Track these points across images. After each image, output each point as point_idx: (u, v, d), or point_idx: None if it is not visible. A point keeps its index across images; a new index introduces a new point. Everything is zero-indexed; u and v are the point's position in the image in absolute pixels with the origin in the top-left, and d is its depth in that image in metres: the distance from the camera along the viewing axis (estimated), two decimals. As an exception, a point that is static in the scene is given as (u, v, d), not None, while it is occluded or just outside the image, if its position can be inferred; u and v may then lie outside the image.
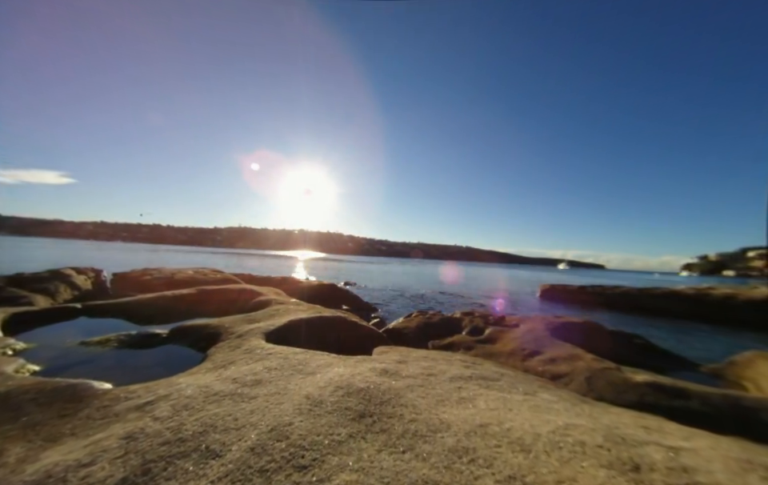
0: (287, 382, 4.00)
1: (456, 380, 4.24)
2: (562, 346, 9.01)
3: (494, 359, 8.41)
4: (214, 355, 5.91)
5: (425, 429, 2.73)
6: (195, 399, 3.90)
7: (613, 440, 2.50)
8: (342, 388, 3.57)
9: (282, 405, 3.38)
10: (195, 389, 4.19)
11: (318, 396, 3.43)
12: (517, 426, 2.71)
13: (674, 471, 2.11)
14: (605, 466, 2.14)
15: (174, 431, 3.23)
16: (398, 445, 2.53)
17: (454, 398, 3.53)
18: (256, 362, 4.95)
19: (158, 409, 3.78)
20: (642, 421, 3.42)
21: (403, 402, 3.26)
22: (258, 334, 6.65)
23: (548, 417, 3.01)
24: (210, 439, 3.04)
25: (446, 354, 6.78)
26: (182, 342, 7.07)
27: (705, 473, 2.11)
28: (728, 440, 3.24)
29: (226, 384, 4.22)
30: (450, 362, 5.27)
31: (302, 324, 7.50)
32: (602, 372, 7.22)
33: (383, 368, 4.42)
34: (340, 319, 8.12)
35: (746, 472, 2.19)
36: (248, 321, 7.75)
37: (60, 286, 11.27)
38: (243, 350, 5.71)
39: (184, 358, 6.29)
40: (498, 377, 4.56)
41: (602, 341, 9.77)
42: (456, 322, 11.72)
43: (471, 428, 2.70)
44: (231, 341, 6.53)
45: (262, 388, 3.93)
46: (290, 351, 5.36)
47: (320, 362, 4.80)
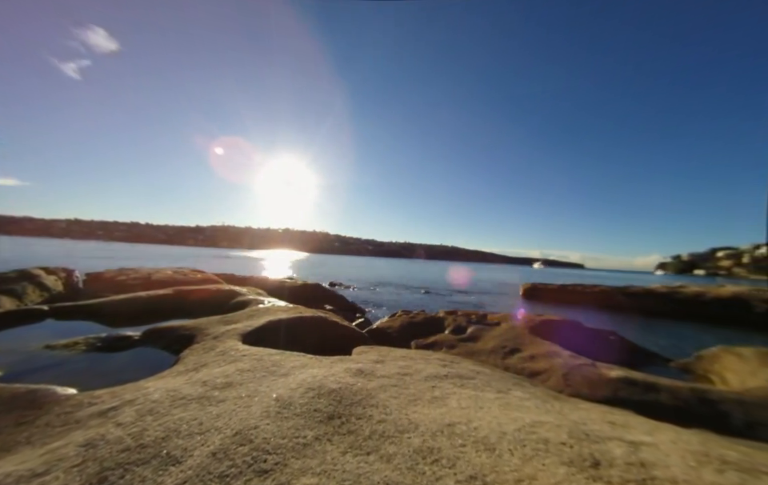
0: (258, 385, 3.91)
1: (431, 379, 4.22)
2: (541, 344, 9.16)
3: (475, 357, 8.49)
4: (186, 358, 5.75)
5: (392, 429, 2.70)
6: (161, 404, 3.77)
7: (577, 436, 2.52)
8: (314, 390, 3.50)
9: (251, 408, 3.30)
10: (162, 393, 4.05)
11: (287, 398, 3.36)
12: (484, 425, 2.71)
13: (633, 466, 2.14)
14: (565, 463, 2.15)
15: (136, 437, 3.11)
16: (363, 447, 2.49)
17: (427, 397, 3.52)
18: (229, 364, 4.83)
19: (122, 414, 3.64)
20: (609, 416, 3.47)
21: (374, 403, 3.23)
22: (234, 335, 6.51)
23: (517, 415, 3.03)
24: (171, 445, 2.93)
25: (425, 353, 6.78)
26: (155, 344, 6.85)
27: (662, 467, 2.14)
28: (690, 433, 3.33)
29: (195, 387, 4.10)
30: (427, 361, 5.26)
31: (280, 325, 7.38)
32: (578, 368, 7.36)
33: (358, 368, 4.38)
34: (320, 320, 8.03)
35: (702, 465, 2.24)
36: (225, 322, 7.57)
37: (28, 287, 10.77)
38: (217, 353, 5.57)
39: (156, 362, 6.09)
40: (473, 375, 4.57)
41: (579, 338, 9.98)
42: (439, 322, 11.78)
43: (439, 428, 2.68)
44: (206, 343, 6.36)
45: (231, 391, 3.82)
46: (266, 353, 5.25)
47: (295, 363, 4.71)
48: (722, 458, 2.39)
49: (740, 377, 6.05)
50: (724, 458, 2.43)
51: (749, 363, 6.23)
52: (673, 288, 20.28)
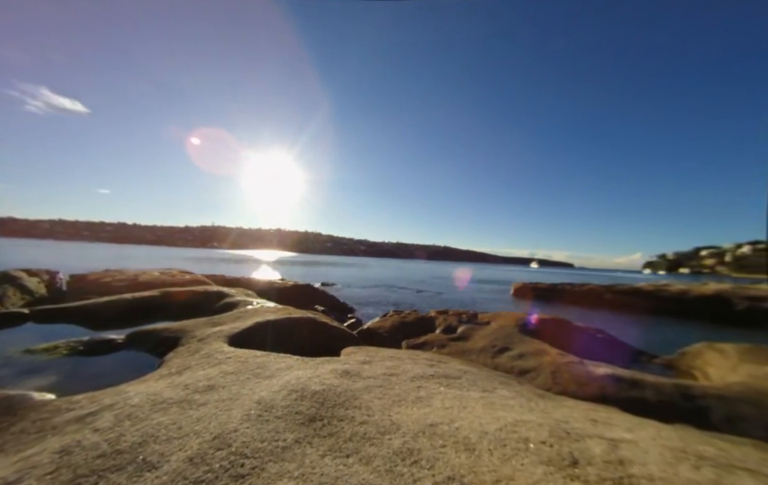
0: (241, 387, 3.85)
1: (417, 379, 4.21)
2: (530, 343, 9.23)
3: (465, 356, 8.52)
4: (170, 361, 5.64)
5: (374, 431, 2.67)
6: (141, 408, 3.69)
7: (557, 435, 2.53)
8: (297, 392, 3.46)
9: (231, 411, 3.24)
10: (143, 397, 3.96)
11: (269, 401, 3.31)
12: (466, 425, 2.69)
13: (611, 464, 2.15)
14: (544, 462, 2.15)
15: (112, 443, 3.03)
16: (343, 449, 2.46)
17: (411, 397, 3.50)
18: (213, 367, 4.75)
19: (100, 420, 3.55)
20: (593, 414, 3.50)
21: (357, 404, 3.19)
22: (220, 337, 6.41)
23: (500, 414, 3.03)
24: (148, 450, 2.86)
25: (414, 353, 6.77)
26: (139, 347, 6.72)
27: (639, 465, 2.15)
28: (671, 429, 3.37)
29: (176, 391, 4.02)
30: (415, 361, 5.24)
31: (268, 326, 7.29)
32: (566, 366, 7.43)
33: (344, 369, 4.34)
34: (309, 320, 7.96)
35: (679, 462, 2.26)
36: (212, 324, 7.46)
37: (9, 289, 10.48)
38: (202, 355, 5.47)
39: (139, 365, 5.97)
40: (459, 375, 4.57)
41: (568, 336, 10.08)
42: (430, 321, 11.80)
43: (421, 428, 2.66)
44: (191, 345, 6.25)
45: (213, 394, 3.76)
46: (251, 354, 5.18)
47: (280, 365, 4.65)
48: (699, 455, 2.41)
49: (721, 372, 6.16)
50: (701, 454, 2.45)
51: (729, 359, 6.36)
52: (658, 286, 20.81)
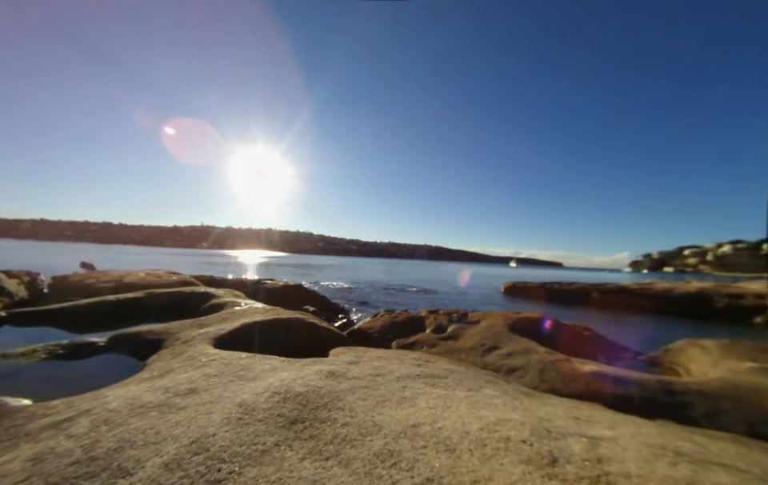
0: (224, 390, 3.78)
1: (403, 379, 4.18)
2: (518, 341, 9.29)
3: (455, 355, 8.53)
4: (153, 364, 5.53)
5: (355, 433, 2.64)
6: (119, 413, 3.59)
7: (538, 434, 2.53)
8: (280, 394, 3.40)
9: (212, 415, 3.17)
10: (121, 402, 3.87)
11: (251, 403, 3.25)
12: (448, 425, 2.68)
13: (589, 462, 2.15)
14: (523, 461, 2.14)
15: (87, 450, 2.94)
16: (323, 452, 2.42)
17: (396, 398, 3.47)
18: (196, 370, 4.66)
19: (76, 425, 3.44)
20: (576, 411, 3.52)
21: (340, 406, 3.16)
22: (205, 339, 6.30)
23: (484, 413, 3.02)
24: (124, 456, 2.78)
25: (402, 353, 6.75)
26: (121, 350, 6.56)
27: (617, 462, 2.16)
28: (652, 425, 3.41)
29: (156, 395, 3.92)
30: (401, 362, 5.22)
31: (255, 327, 7.20)
32: (553, 364, 7.49)
33: (330, 370, 4.29)
34: (297, 321, 7.88)
35: (657, 458, 2.27)
36: (197, 326, 7.33)
37: (-14, 292, 10.17)
38: (185, 357, 5.37)
39: (121, 368, 5.83)
40: (446, 374, 4.56)
41: (555, 334, 10.19)
42: (421, 321, 11.81)
43: (403, 429, 2.64)
44: (175, 347, 6.14)
45: (194, 397, 3.68)
46: (235, 356, 5.09)
47: (265, 366, 4.59)
48: (677, 451, 2.44)
49: (703, 368, 6.29)
50: (679, 450, 2.48)
51: (711, 355, 6.49)
52: (643, 285, 21.42)
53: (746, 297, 18.23)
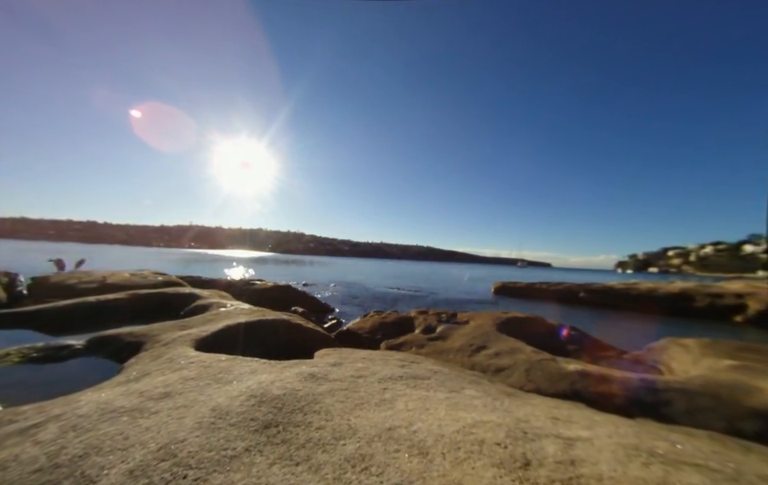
0: (199, 394, 3.68)
1: (385, 381, 4.13)
2: (506, 341, 9.31)
3: (443, 356, 8.52)
4: (131, 367, 5.38)
5: (329, 437, 2.58)
6: (89, 418, 3.47)
7: (514, 436, 2.50)
8: (256, 397, 3.32)
9: (184, 419, 3.08)
10: (93, 406, 3.74)
11: (226, 407, 3.16)
12: (424, 428, 2.64)
13: (562, 465, 2.13)
14: (496, 464, 2.11)
15: (51, 457, 2.83)
16: (294, 457, 2.35)
17: (375, 400, 3.42)
18: (173, 373, 4.54)
19: (44, 431, 3.31)
20: (555, 411, 3.51)
21: (317, 409, 3.09)
22: (186, 341, 6.17)
23: (462, 414, 2.98)
24: (89, 463, 2.68)
25: (388, 353, 6.70)
26: (99, 353, 6.39)
27: (591, 464, 2.14)
28: (630, 424, 3.42)
29: (130, 399, 3.81)
30: (386, 362, 5.17)
31: (239, 329, 7.08)
32: (539, 363, 7.52)
33: (311, 373, 4.22)
34: (283, 322, 7.78)
35: (630, 459, 2.26)
36: (180, 327, 7.18)
37: (-39, 294, 9.83)
38: (164, 360, 5.24)
39: (98, 372, 5.66)
40: (429, 375, 4.52)
41: (543, 334, 10.26)
42: (410, 321, 11.78)
43: (377, 433, 2.59)
44: (155, 350, 5.99)
45: (168, 401, 3.57)
46: (215, 359, 4.98)
47: (244, 369, 4.49)
48: (651, 451, 2.43)
49: (684, 366, 6.37)
50: (653, 450, 2.47)
51: (692, 353, 6.59)
52: (629, 285, 21.93)
53: (726, 296, 18.72)
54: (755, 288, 18.87)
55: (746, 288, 19.10)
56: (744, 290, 18.77)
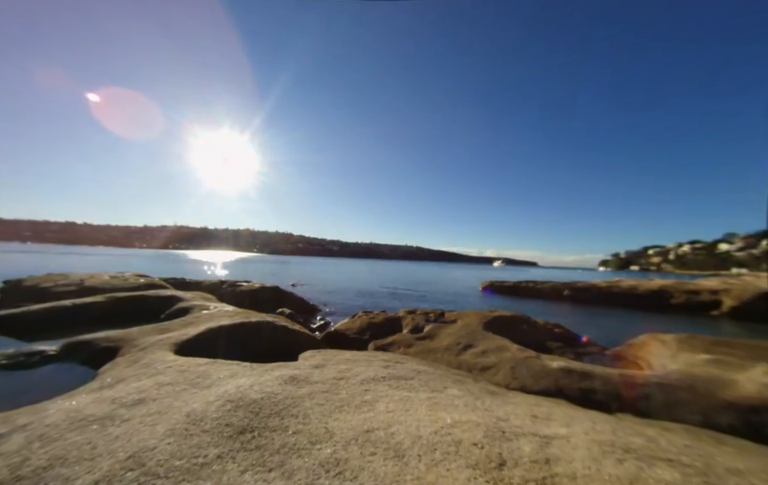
0: (175, 399, 3.56)
1: (367, 382, 4.09)
2: (492, 339, 9.38)
3: (431, 355, 8.53)
4: (106, 372, 5.21)
5: (305, 441, 2.52)
6: (56, 427, 3.33)
7: (492, 435, 2.49)
8: (233, 402, 3.24)
9: (156, 426, 2.97)
10: (62, 415, 3.59)
11: (201, 413, 3.06)
12: (402, 430, 2.60)
13: (537, 464, 2.12)
14: (471, 465, 2.09)
15: (14, 469, 2.70)
16: (267, 463, 2.29)
17: (356, 402, 3.37)
18: (149, 378, 4.40)
19: (8, 442, 3.16)
20: (536, 409, 3.52)
21: (295, 413, 3.02)
22: (165, 345, 6.00)
23: (442, 415, 2.96)
24: (53, 475, 2.57)
25: (372, 354, 6.66)
26: (73, 359, 6.17)
27: (565, 462, 2.15)
28: (608, 420, 3.46)
29: (101, 406, 3.67)
30: (370, 363, 5.13)
31: (221, 332, 6.93)
32: (524, 361, 7.59)
33: (292, 375, 4.14)
34: (267, 324, 7.65)
35: (605, 456, 2.28)
36: (159, 331, 6.99)
37: (-73, 299, 9.37)
38: (141, 365, 5.08)
39: (71, 378, 5.46)
40: (412, 376, 4.50)
41: (528, 332, 10.37)
42: (398, 321, 11.77)
43: (354, 436, 2.54)
44: (132, 355, 5.82)
45: (141, 408, 3.45)
46: (194, 363, 4.85)
47: (223, 373, 4.38)
48: (626, 447, 2.45)
49: (662, 361, 6.52)
50: (628, 446, 2.50)
51: (669, 348, 6.75)
52: (611, 282, 22.62)
53: (702, 293, 19.42)
54: (729, 285, 19.60)
55: (721, 285, 19.83)
56: (719, 287, 19.48)
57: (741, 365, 5.42)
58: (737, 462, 2.56)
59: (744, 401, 4.61)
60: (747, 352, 5.98)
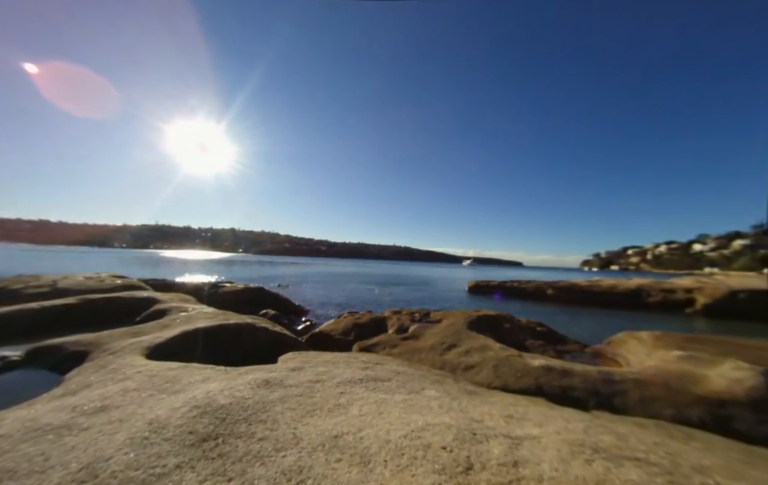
0: (139, 406, 3.41)
1: (344, 384, 4.01)
2: (476, 339, 9.41)
3: (415, 355, 8.50)
4: (72, 378, 4.98)
5: (270, 448, 2.43)
6: (9, 438, 3.14)
7: (462, 438, 2.45)
8: (199, 407, 3.11)
9: (116, 435, 2.82)
10: (17, 425, 3.39)
11: (164, 420, 2.93)
12: (372, 434, 2.54)
13: (504, 467, 2.09)
14: (437, 470, 2.04)
15: (-43, 485, 2.51)
16: (228, 472, 2.19)
17: (330, 406, 3.29)
18: (116, 384, 4.21)
19: (-45, 456, 2.95)
20: (512, 408, 3.51)
21: (264, 418, 2.92)
22: (137, 349, 5.78)
23: (415, 417, 2.91)
24: (-2, 489, 2.40)
25: (353, 355, 6.57)
26: (39, 364, 5.89)
27: (533, 464, 2.12)
28: (582, 418, 3.47)
29: (60, 415, 3.48)
30: (349, 365, 5.04)
31: (198, 335, 6.73)
32: (507, 360, 7.62)
33: (266, 379, 4.02)
34: (247, 326, 7.47)
35: (574, 457, 2.26)
36: (132, 334, 6.75)
37: None
38: (109, 370, 4.87)
39: (34, 385, 5.19)
40: (390, 377, 4.44)
41: (511, 331, 10.46)
42: (383, 322, 11.71)
43: (322, 441, 2.46)
44: (102, 359, 5.58)
45: (103, 416, 3.28)
46: (166, 367, 4.68)
47: (195, 377, 4.23)
48: (595, 447, 2.44)
49: (639, 358, 6.65)
50: (598, 445, 2.49)
51: (646, 345, 6.89)
52: (592, 282, 23.34)
53: (677, 291, 20.17)
54: (702, 283, 20.38)
55: (695, 283, 20.64)
56: (693, 286, 20.27)
57: (711, 361, 5.56)
58: (703, 459, 2.59)
59: (713, 395, 4.72)
60: (717, 348, 6.15)
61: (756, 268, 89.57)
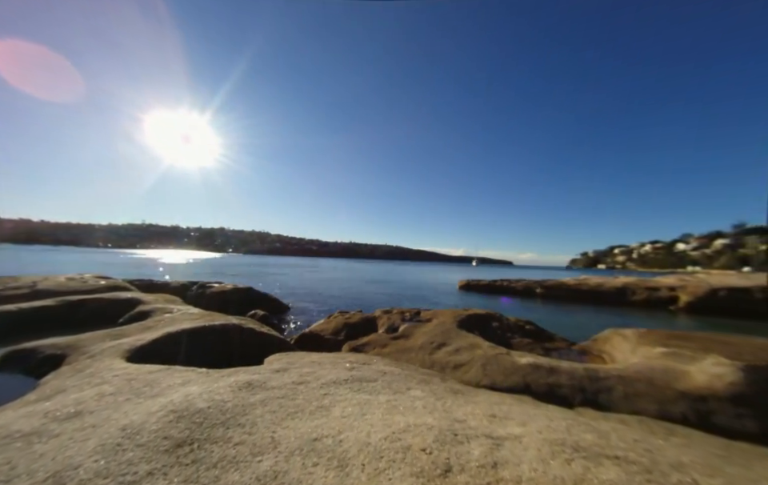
0: (114, 411, 3.30)
1: (328, 386, 3.95)
2: (465, 337, 9.43)
3: (405, 355, 8.48)
4: (47, 383, 4.82)
5: (247, 452, 2.36)
6: (-25, 447, 2.99)
7: (443, 439, 2.42)
8: (176, 412, 3.02)
9: (87, 442, 2.72)
10: (-16, 432, 3.24)
11: (138, 425, 2.84)
12: (352, 437, 2.49)
13: (483, 469, 2.07)
14: (416, 473, 2.01)
15: None
16: (202, 478, 2.12)
17: (312, 408, 3.23)
18: (92, 388, 4.08)
19: None
20: (496, 408, 3.50)
21: (242, 421, 2.85)
22: (117, 352, 5.62)
23: (397, 418, 2.87)
24: (-43, 503, 2.28)
25: (340, 356, 6.51)
26: (13, 369, 5.69)
27: (513, 465, 2.10)
28: (563, 417, 3.47)
29: (31, 421, 3.35)
30: (335, 365, 4.98)
31: (181, 337, 6.59)
32: (495, 358, 7.65)
33: (248, 381, 3.94)
34: (232, 327, 7.34)
35: (554, 456, 2.25)
36: (113, 336, 6.57)
37: None
38: (86, 374, 4.72)
39: (8, 391, 5.01)
40: (376, 377, 4.39)
41: (500, 329, 10.52)
42: (374, 321, 11.68)
43: (300, 445, 2.41)
44: (80, 363, 5.42)
45: (75, 422, 3.17)
46: (144, 371, 4.55)
47: (175, 380, 4.12)
48: (576, 446, 2.44)
49: (624, 355, 6.74)
50: (578, 444, 2.49)
51: (630, 342, 6.99)
52: (580, 280, 23.86)
53: (661, 289, 20.72)
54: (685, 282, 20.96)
55: (678, 282, 21.20)
56: (676, 284, 20.81)
57: (693, 357, 5.65)
58: (682, 456, 2.62)
59: (695, 391, 4.80)
60: (699, 344, 6.26)
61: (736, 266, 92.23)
